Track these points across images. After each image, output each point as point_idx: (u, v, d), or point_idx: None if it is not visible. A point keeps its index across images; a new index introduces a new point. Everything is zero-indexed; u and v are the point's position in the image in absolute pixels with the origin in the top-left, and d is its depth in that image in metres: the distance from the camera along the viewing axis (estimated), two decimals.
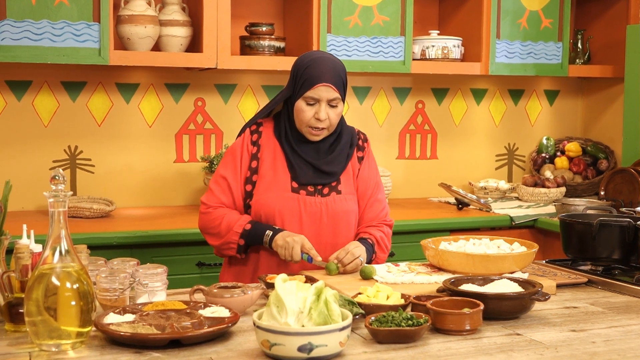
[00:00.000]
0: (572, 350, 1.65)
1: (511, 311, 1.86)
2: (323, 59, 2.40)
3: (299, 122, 2.39)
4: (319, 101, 2.34)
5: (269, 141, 2.44)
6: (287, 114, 2.44)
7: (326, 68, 2.36)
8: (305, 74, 2.35)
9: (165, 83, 3.67)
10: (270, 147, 2.43)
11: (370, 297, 1.87)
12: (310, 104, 2.35)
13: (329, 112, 2.35)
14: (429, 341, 1.69)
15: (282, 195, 2.39)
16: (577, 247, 2.38)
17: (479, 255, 2.16)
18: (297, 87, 2.37)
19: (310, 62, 2.37)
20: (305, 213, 2.39)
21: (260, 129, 2.46)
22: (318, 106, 2.35)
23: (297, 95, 2.37)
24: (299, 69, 2.38)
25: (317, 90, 2.34)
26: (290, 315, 1.55)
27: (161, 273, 1.93)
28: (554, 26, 3.97)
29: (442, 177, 4.14)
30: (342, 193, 2.45)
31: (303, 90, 2.35)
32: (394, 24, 3.65)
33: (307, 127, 2.37)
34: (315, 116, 2.35)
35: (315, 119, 2.35)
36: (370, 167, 2.55)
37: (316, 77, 2.34)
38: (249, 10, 3.76)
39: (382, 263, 2.45)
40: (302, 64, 2.39)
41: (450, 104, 4.21)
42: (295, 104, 2.37)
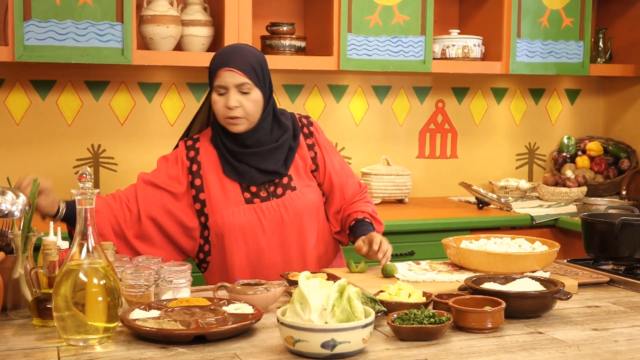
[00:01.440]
0: (595, 349, 1.66)
1: (533, 310, 1.87)
2: (231, 46, 2.36)
3: (218, 116, 2.30)
4: (226, 89, 2.26)
5: (208, 155, 2.36)
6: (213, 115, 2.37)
7: (230, 54, 2.29)
8: (212, 64, 2.30)
9: (187, 82, 3.70)
10: (211, 161, 2.35)
11: (392, 295, 1.89)
12: (221, 94, 2.27)
13: (241, 100, 2.26)
14: (451, 339, 1.70)
15: (238, 209, 2.31)
16: (599, 246, 2.38)
17: (500, 254, 2.16)
18: (210, 81, 2.31)
19: (218, 53, 2.32)
20: (266, 220, 2.33)
21: (197, 144, 2.38)
22: (227, 95, 2.26)
23: (211, 90, 2.30)
24: (210, 62, 2.32)
25: (222, 77, 2.25)
26: (313, 312, 1.57)
27: (185, 270, 1.95)
28: (575, 25, 3.96)
29: (462, 177, 4.14)
30: (297, 188, 2.37)
31: (211, 81, 2.29)
32: (414, 23, 3.66)
33: (224, 119, 2.29)
34: (227, 105, 2.26)
35: (226, 108, 2.26)
36: (327, 150, 2.48)
37: (219, 63, 2.27)
38: (270, 10, 3.78)
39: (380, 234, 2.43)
40: (213, 57, 2.33)
41: (471, 103, 4.21)
42: (212, 98, 2.31)
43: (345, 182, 2.49)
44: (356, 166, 3.96)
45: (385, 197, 3.80)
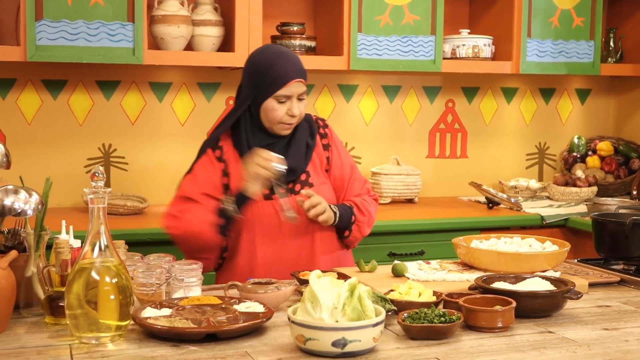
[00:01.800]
0: (605, 348, 1.66)
1: (543, 309, 1.87)
2: (285, 54, 2.37)
3: (270, 121, 2.34)
4: (290, 98, 2.31)
5: (231, 154, 2.40)
6: (249, 118, 2.38)
7: (293, 63, 2.33)
8: (273, 73, 2.30)
9: (198, 82, 3.71)
10: (233, 160, 2.39)
11: (403, 294, 1.89)
12: (281, 102, 2.31)
13: (299, 106, 2.34)
14: (461, 338, 1.71)
15: (257, 205, 2.35)
16: (610, 246, 2.38)
17: (510, 253, 2.16)
18: (263, 87, 2.31)
19: (273, 60, 2.32)
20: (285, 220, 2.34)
21: (220, 144, 2.41)
22: (290, 103, 2.32)
23: (264, 95, 2.31)
24: (261, 68, 2.32)
25: (290, 88, 2.30)
26: (324, 311, 1.57)
27: (196, 269, 1.96)
28: (585, 25, 3.95)
29: (472, 176, 4.14)
30: (314, 185, 2.42)
31: (273, 89, 2.30)
32: (424, 23, 3.66)
33: (280, 124, 2.34)
34: (288, 113, 2.32)
35: (288, 115, 2.32)
36: (339, 151, 2.53)
37: (286, 74, 2.30)
38: (280, 10, 3.79)
39: (362, 227, 2.46)
40: (263, 63, 2.33)
41: (481, 103, 4.21)
42: (264, 104, 2.32)
43: (349, 187, 2.52)
44: (366, 166, 3.97)
45: (395, 197, 3.80)
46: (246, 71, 2.39)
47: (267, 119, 2.35)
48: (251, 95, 2.35)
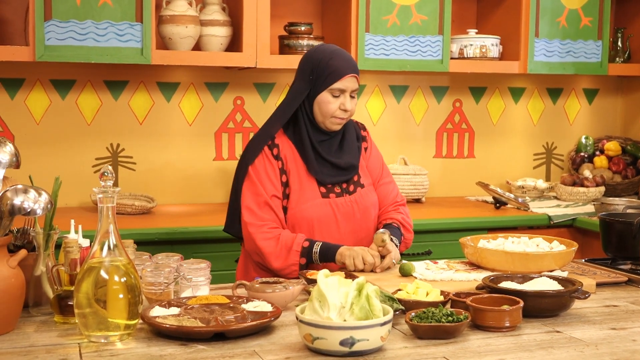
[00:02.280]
0: (613, 348, 1.66)
1: (551, 309, 1.87)
2: (342, 51, 2.45)
3: (323, 115, 2.39)
4: (344, 92, 2.38)
5: (287, 151, 2.43)
6: (306, 112, 2.42)
7: (349, 59, 2.42)
8: (330, 67, 2.37)
9: (205, 82, 3.72)
10: (290, 157, 2.42)
11: (410, 294, 1.89)
12: (335, 96, 2.38)
13: (351, 102, 2.41)
14: (469, 337, 1.71)
15: (315, 203, 2.40)
16: (617, 246, 2.38)
17: (518, 253, 2.16)
18: (319, 81, 2.37)
19: (331, 55, 2.39)
20: (340, 215, 2.42)
21: (276, 141, 2.43)
22: (343, 97, 2.39)
23: (319, 89, 2.38)
24: (319, 62, 2.38)
25: (345, 82, 2.37)
26: (332, 310, 1.58)
27: (204, 268, 1.97)
28: (593, 24, 3.94)
29: (479, 176, 4.14)
30: (365, 186, 2.49)
31: (328, 83, 2.36)
32: (432, 23, 3.66)
33: (332, 118, 2.40)
34: (341, 107, 2.38)
35: (341, 110, 2.39)
36: (375, 155, 2.60)
37: (342, 68, 2.37)
38: (288, 10, 3.80)
39: (409, 243, 2.55)
40: (320, 58, 2.39)
41: (488, 103, 4.20)
42: (318, 96, 2.38)
43: (386, 190, 2.58)
44: None
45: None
46: (302, 66, 2.45)
47: (320, 113, 2.40)
48: (306, 89, 2.40)
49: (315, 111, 2.41)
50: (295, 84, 2.46)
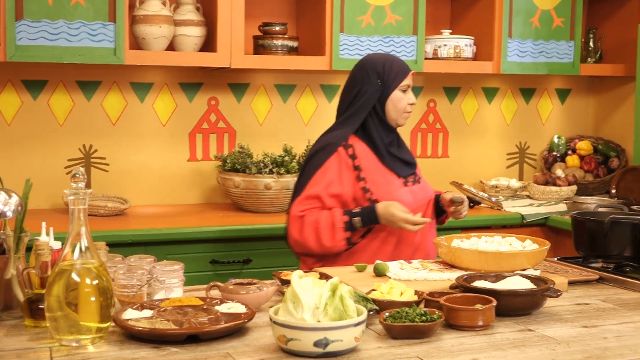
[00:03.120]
0: (584, 346, 1.67)
1: (523, 307, 1.88)
2: (392, 54, 2.75)
3: (397, 111, 2.62)
4: (408, 88, 2.64)
5: (361, 150, 2.60)
6: (376, 114, 2.61)
7: (402, 60, 2.68)
8: (395, 67, 2.62)
9: (179, 82, 3.70)
10: (365, 155, 2.59)
11: (384, 294, 1.90)
12: (403, 91, 2.62)
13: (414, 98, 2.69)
14: (442, 337, 1.72)
15: (399, 192, 2.60)
16: (589, 244, 2.40)
17: (491, 252, 2.18)
18: (389, 81, 2.60)
19: (390, 58, 2.66)
20: (419, 202, 2.65)
21: (350, 142, 2.60)
22: (409, 92, 2.65)
23: (391, 88, 2.60)
24: (384, 66, 2.61)
25: (409, 78, 2.64)
26: (306, 311, 1.58)
27: (178, 270, 1.96)
28: (565, 25, 3.98)
29: (453, 176, 4.16)
30: (421, 179, 2.75)
31: (398, 81, 2.61)
32: (406, 23, 3.67)
33: (404, 113, 2.64)
34: (409, 102, 2.64)
35: (409, 104, 2.64)
36: None
37: (405, 67, 2.65)
38: (263, 10, 3.79)
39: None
40: (384, 62, 2.62)
41: (462, 103, 4.23)
42: (391, 95, 2.60)
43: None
44: None
45: None
46: (363, 74, 2.63)
47: (394, 110, 2.62)
48: (377, 93, 2.60)
49: (389, 110, 2.62)
50: (359, 89, 2.61)
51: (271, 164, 3.43)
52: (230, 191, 3.48)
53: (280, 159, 3.46)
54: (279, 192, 3.42)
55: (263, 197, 3.42)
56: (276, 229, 3.23)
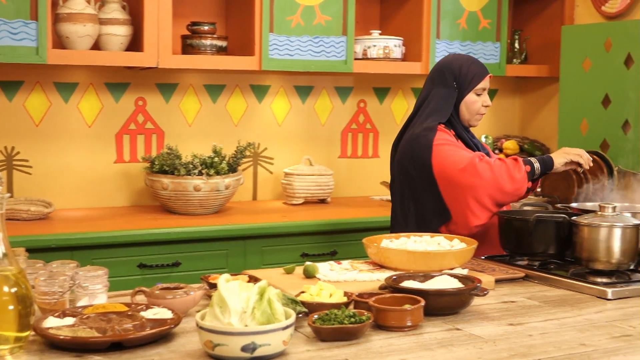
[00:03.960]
0: (510, 344, 1.69)
1: (451, 307, 1.90)
2: (472, 57, 2.84)
3: (471, 113, 2.75)
4: (485, 91, 2.75)
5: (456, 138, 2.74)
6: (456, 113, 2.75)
7: (481, 63, 2.79)
8: (472, 70, 2.72)
9: (105, 82, 3.62)
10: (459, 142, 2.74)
11: (313, 296, 1.89)
12: (478, 94, 2.74)
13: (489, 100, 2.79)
14: (371, 338, 1.71)
15: None
16: (515, 242, 2.44)
17: (419, 252, 2.19)
18: (465, 84, 2.72)
19: (468, 60, 2.76)
20: None
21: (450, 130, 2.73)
22: (484, 95, 2.76)
23: (466, 90, 2.72)
24: (460, 68, 2.72)
25: (486, 81, 2.75)
26: (233, 316, 1.55)
27: (101, 275, 1.90)
28: (492, 26, 4.05)
29: (383, 176, 4.17)
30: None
31: (474, 84, 2.72)
32: (335, 23, 3.68)
33: (477, 115, 2.76)
34: (483, 104, 2.76)
35: (484, 106, 2.76)
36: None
37: (482, 71, 2.75)
38: (191, 9, 3.74)
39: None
40: (461, 65, 2.74)
41: (392, 103, 4.26)
42: (465, 98, 2.73)
43: None
44: (278, 166, 3.96)
45: (308, 197, 3.81)
46: (441, 75, 2.75)
47: (467, 112, 2.75)
48: (454, 93, 2.72)
49: (462, 111, 2.74)
50: (438, 90, 2.73)
51: (200, 165, 3.39)
52: (159, 193, 3.42)
53: (210, 160, 3.42)
54: (208, 193, 3.38)
55: (192, 199, 3.37)
56: (206, 232, 3.19)
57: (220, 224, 3.25)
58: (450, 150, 2.62)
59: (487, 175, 2.55)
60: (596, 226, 2.23)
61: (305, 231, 3.38)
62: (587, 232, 2.24)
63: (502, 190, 2.56)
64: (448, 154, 2.61)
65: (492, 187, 2.55)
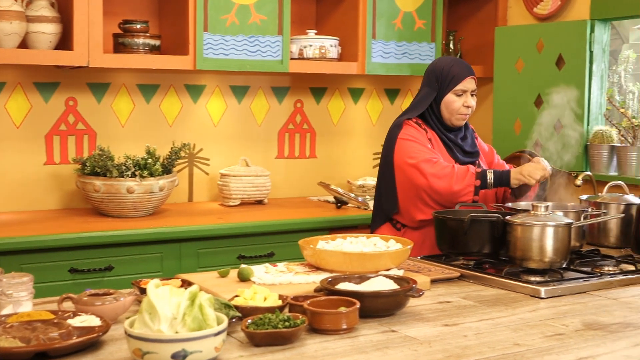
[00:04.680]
0: (445, 345, 1.69)
1: (387, 308, 1.89)
2: (459, 59, 2.96)
3: (450, 112, 2.84)
4: (465, 92, 2.83)
5: (429, 130, 2.85)
6: (433, 112, 2.86)
7: (466, 65, 2.89)
8: (453, 72, 2.84)
9: (34, 82, 3.51)
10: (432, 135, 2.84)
11: (247, 300, 1.85)
12: (458, 95, 2.83)
13: (472, 100, 2.86)
14: (306, 342, 1.69)
15: None
16: (450, 242, 2.45)
17: (355, 253, 2.18)
18: (444, 85, 2.83)
19: (451, 62, 2.88)
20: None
21: (423, 127, 2.85)
22: (465, 96, 2.84)
23: (445, 91, 2.83)
24: (442, 70, 2.85)
25: (466, 83, 2.84)
26: (163, 322, 1.51)
27: (26, 282, 1.83)
28: (427, 27, 4.07)
29: (321, 176, 4.17)
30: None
31: (453, 85, 2.83)
32: (271, 23, 3.64)
33: (457, 115, 2.84)
34: (464, 104, 2.83)
35: (464, 106, 2.84)
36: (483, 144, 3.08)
37: (462, 73, 2.84)
38: (123, 7, 3.66)
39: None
40: (443, 66, 2.87)
41: (329, 103, 4.25)
42: (445, 98, 2.84)
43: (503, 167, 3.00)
44: (214, 167, 3.91)
45: (245, 199, 3.76)
46: (427, 76, 2.91)
47: (447, 111, 2.85)
48: (433, 93, 2.85)
49: (443, 110, 2.85)
50: (422, 90, 2.90)
51: (133, 167, 3.31)
52: (91, 196, 3.33)
53: (143, 161, 3.35)
54: (142, 195, 3.30)
55: (125, 201, 3.29)
56: (139, 234, 3.13)
57: (154, 227, 3.18)
58: (410, 145, 2.78)
59: (429, 177, 2.71)
60: (529, 225, 2.25)
61: (241, 233, 3.34)
62: (521, 231, 2.26)
63: (439, 194, 2.72)
64: (407, 148, 2.78)
65: (430, 190, 2.72)
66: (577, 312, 1.98)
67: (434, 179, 2.69)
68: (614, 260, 2.49)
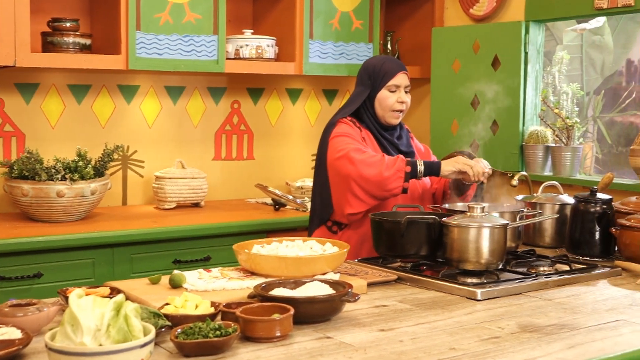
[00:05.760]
0: (380, 351, 1.66)
1: (322, 314, 1.85)
2: (390, 57, 3.05)
3: (384, 109, 2.81)
4: (399, 87, 2.81)
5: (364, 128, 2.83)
6: (367, 110, 2.83)
7: (397, 61, 2.90)
8: (385, 68, 2.82)
9: None
10: (366, 134, 2.82)
11: (178, 308, 1.79)
12: (392, 91, 2.80)
13: (406, 96, 2.85)
14: (238, 351, 1.64)
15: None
16: (387, 244, 2.42)
17: (291, 257, 2.13)
18: (377, 81, 2.81)
19: (383, 59, 2.88)
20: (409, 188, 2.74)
21: (357, 124, 2.81)
22: (399, 92, 2.81)
23: (379, 88, 2.81)
24: (374, 67, 2.83)
25: (398, 78, 2.81)
26: (86, 334, 1.44)
27: None
28: (364, 27, 4.06)
29: (259, 178, 4.12)
30: None
31: (385, 80, 2.80)
32: (206, 22, 3.57)
33: (391, 112, 2.81)
34: (398, 100, 2.81)
35: (398, 102, 2.81)
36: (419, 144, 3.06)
37: (395, 68, 2.83)
38: (52, 5, 3.54)
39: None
40: (375, 64, 2.85)
41: (266, 104, 4.19)
42: (378, 95, 2.81)
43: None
44: (149, 170, 3.82)
45: (180, 201, 3.69)
46: (360, 75, 2.88)
47: (381, 108, 2.82)
48: (366, 91, 2.83)
49: (377, 108, 2.82)
50: (356, 89, 2.88)
51: (64, 170, 3.20)
52: (19, 200, 3.21)
53: (74, 164, 3.25)
54: (72, 199, 3.20)
55: (55, 206, 3.18)
56: (70, 240, 3.02)
57: (86, 232, 3.09)
58: (342, 140, 2.74)
59: (358, 164, 2.64)
60: (465, 227, 2.24)
61: (177, 237, 3.27)
62: (457, 232, 2.25)
63: (369, 182, 2.63)
64: (338, 143, 2.73)
65: (360, 179, 2.64)
66: (512, 314, 1.97)
67: (363, 166, 2.63)
68: (549, 260, 2.50)
